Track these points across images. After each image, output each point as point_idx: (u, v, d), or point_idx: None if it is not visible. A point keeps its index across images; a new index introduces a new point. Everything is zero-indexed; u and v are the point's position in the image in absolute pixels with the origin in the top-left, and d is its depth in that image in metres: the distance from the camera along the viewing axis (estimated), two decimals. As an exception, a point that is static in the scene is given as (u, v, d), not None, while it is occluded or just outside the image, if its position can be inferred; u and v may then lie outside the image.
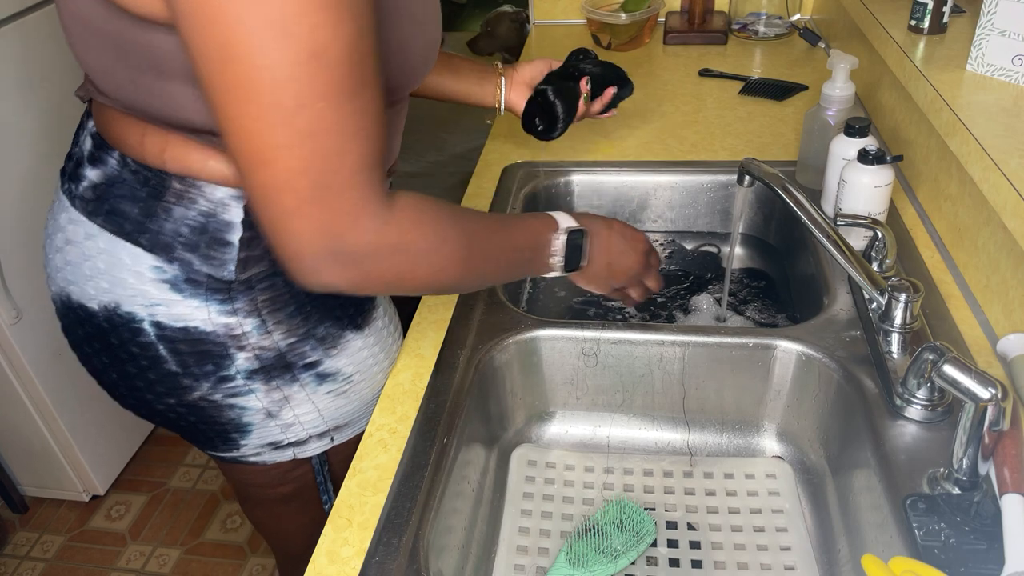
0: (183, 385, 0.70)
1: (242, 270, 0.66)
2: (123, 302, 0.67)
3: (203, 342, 0.68)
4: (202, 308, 0.66)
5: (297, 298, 0.70)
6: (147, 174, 0.64)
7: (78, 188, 0.68)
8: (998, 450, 0.59)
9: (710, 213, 1.14)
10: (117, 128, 0.65)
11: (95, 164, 0.67)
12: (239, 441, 0.76)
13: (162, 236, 0.64)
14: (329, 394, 0.76)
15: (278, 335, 0.70)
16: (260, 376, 0.71)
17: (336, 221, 0.53)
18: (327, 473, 0.85)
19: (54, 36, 1.57)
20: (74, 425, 1.69)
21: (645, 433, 0.88)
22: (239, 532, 1.73)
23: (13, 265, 1.51)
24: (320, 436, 0.79)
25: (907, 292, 0.73)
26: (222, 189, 0.64)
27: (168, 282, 0.66)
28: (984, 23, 0.85)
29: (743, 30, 1.57)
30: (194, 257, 0.65)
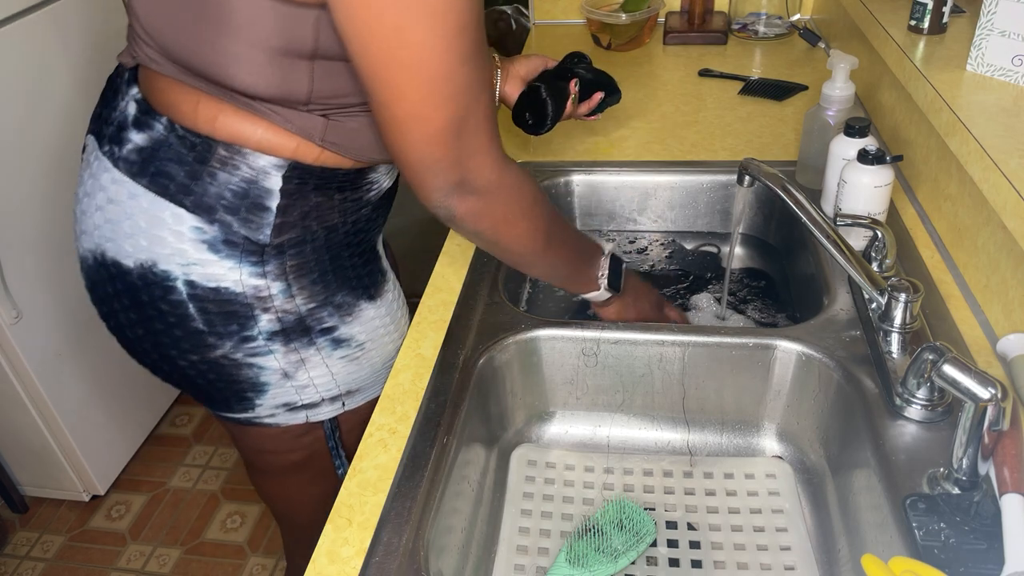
0: (207, 343, 0.75)
1: (276, 235, 0.71)
2: (160, 260, 0.71)
3: (231, 303, 0.72)
4: (235, 269, 0.71)
5: (321, 266, 0.75)
6: (194, 140, 0.69)
7: (121, 151, 0.72)
8: (998, 450, 0.59)
9: (710, 213, 1.14)
10: (170, 95, 0.69)
11: (140, 128, 0.71)
12: (255, 401, 0.80)
13: (206, 199, 0.69)
14: (343, 359, 0.81)
15: (300, 300, 0.75)
16: (280, 338, 0.76)
17: (469, 158, 0.64)
18: (339, 439, 0.88)
19: (54, 36, 1.57)
20: (74, 425, 1.69)
21: (645, 433, 0.88)
22: (239, 532, 1.73)
23: (13, 265, 1.51)
24: (332, 400, 0.83)
25: (907, 292, 0.73)
26: (265, 158, 0.69)
27: (207, 242, 0.70)
28: (984, 23, 0.85)
29: (743, 30, 1.57)
30: (234, 220, 0.70)
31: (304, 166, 0.70)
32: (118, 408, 1.84)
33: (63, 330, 1.65)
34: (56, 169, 1.61)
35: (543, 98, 0.97)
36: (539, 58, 1.03)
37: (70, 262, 1.67)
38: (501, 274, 0.94)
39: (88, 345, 1.72)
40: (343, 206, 0.75)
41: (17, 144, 1.51)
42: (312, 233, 0.73)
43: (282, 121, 0.68)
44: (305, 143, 0.70)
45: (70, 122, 1.64)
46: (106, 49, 1.73)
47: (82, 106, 1.66)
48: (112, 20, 1.75)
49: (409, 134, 0.61)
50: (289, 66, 0.64)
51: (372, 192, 0.79)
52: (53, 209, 1.61)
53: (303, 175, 0.71)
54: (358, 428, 0.85)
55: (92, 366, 1.74)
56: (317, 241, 0.74)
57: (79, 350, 1.70)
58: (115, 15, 1.75)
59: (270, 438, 0.86)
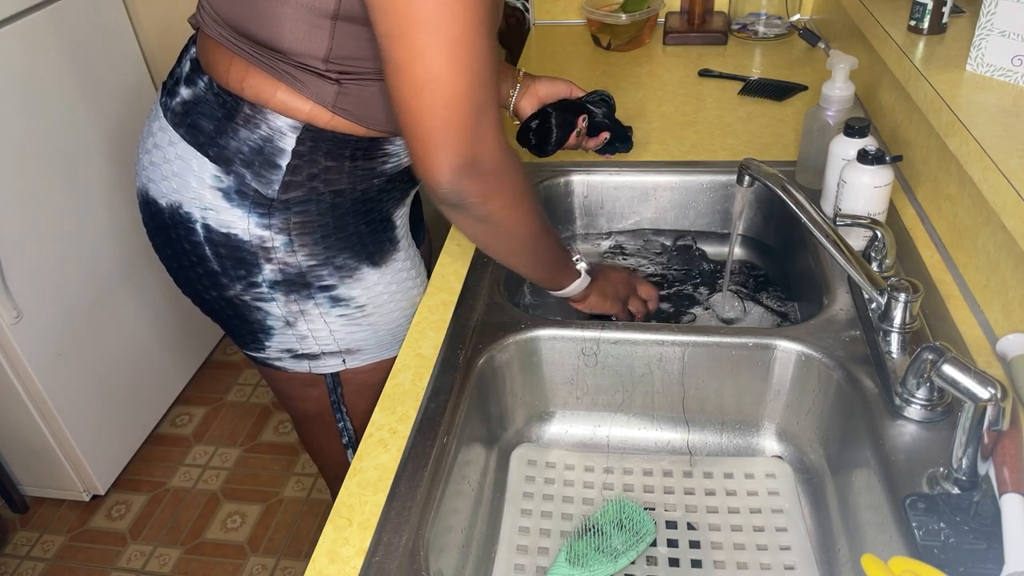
0: (221, 283, 0.82)
1: (284, 192, 0.76)
2: (184, 203, 0.79)
3: (239, 249, 0.79)
4: (244, 218, 0.77)
5: (324, 227, 0.79)
6: (226, 98, 0.75)
7: (172, 102, 0.80)
8: (997, 450, 0.59)
9: (710, 213, 1.14)
10: (211, 56, 0.76)
11: (188, 84, 0.79)
12: (264, 342, 0.87)
13: (226, 151, 0.76)
14: (341, 317, 0.85)
15: (302, 255, 0.80)
16: (281, 288, 0.81)
17: (480, 136, 0.65)
18: (341, 395, 0.92)
19: (54, 36, 1.57)
20: (74, 425, 1.69)
21: (645, 433, 0.88)
22: (239, 532, 1.73)
23: (13, 265, 1.51)
24: (332, 355, 0.88)
25: (907, 292, 0.73)
26: (283, 119, 0.74)
27: (222, 191, 0.77)
28: (984, 23, 0.85)
29: (743, 30, 1.57)
30: (248, 172, 0.76)
31: (317, 129, 0.75)
32: (118, 408, 1.84)
33: (63, 330, 1.65)
34: (56, 169, 1.61)
35: (549, 126, 1.01)
36: (565, 84, 1.05)
37: (70, 262, 1.67)
38: (501, 274, 0.94)
39: (88, 345, 1.73)
40: (354, 173, 0.79)
41: (17, 144, 1.51)
42: (319, 194, 0.77)
43: (299, 85, 0.73)
44: (318, 107, 0.74)
45: (70, 122, 1.64)
46: (106, 49, 1.73)
47: (82, 106, 1.66)
48: (112, 20, 1.75)
49: (425, 98, 0.61)
50: (313, 23, 0.69)
51: (389, 164, 0.82)
52: (53, 209, 1.61)
53: (315, 138, 0.75)
54: (363, 391, 0.91)
55: (92, 366, 1.74)
56: (323, 203, 0.78)
57: (79, 350, 1.70)
58: (115, 15, 1.75)
59: (284, 382, 0.93)
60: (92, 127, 1.70)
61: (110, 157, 1.75)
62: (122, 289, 1.83)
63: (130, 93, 1.81)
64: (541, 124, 1.01)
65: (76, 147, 1.66)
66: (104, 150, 1.73)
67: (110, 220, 1.77)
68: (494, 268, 0.95)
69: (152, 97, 1.88)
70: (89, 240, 1.72)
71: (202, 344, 2.16)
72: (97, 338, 1.76)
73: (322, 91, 0.73)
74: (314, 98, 0.74)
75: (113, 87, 1.75)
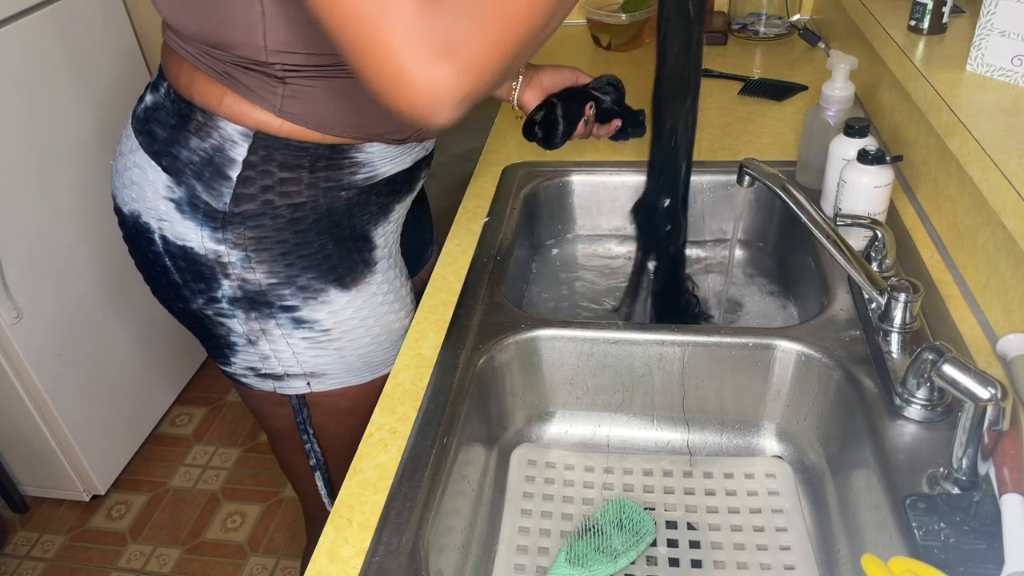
0: (184, 295, 0.79)
1: (235, 204, 0.72)
2: (143, 212, 0.76)
3: (196, 263, 0.75)
4: (197, 231, 0.74)
5: (283, 244, 0.75)
6: (181, 105, 0.73)
7: (138, 108, 0.78)
8: (998, 450, 0.59)
9: (710, 213, 1.14)
10: (167, 61, 0.74)
11: (152, 90, 0.77)
12: (229, 358, 0.83)
13: (178, 161, 0.73)
14: (304, 340, 0.81)
15: (260, 272, 0.76)
16: (241, 305, 0.77)
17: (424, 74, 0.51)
18: (306, 416, 0.88)
19: (54, 37, 1.57)
20: (74, 425, 1.69)
21: (645, 433, 0.88)
22: (239, 532, 1.73)
23: (13, 265, 1.51)
24: (296, 376, 0.84)
25: (907, 292, 0.73)
26: (233, 126, 0.71)
27: (174, 202, 0.74)
28: (984, 23, 0.85)
29: (743, 30, 1.57)
30: (198, 184, 0.72)
31: (269, 137, 0.70)
32: (118, 408, 1.84)
33: (63, 330, 1.65)
34: (56, 169, 1.61)
35: (555, 117, 0.97)
36: (570, 72, 0.98)
37: (70, 262, 1.67)
38: (501, 274, 0.94)
39: (88, 345, 1.73)
40: (315, 185, 0.73)
41: (17, 144, 1.51)
42: (274, 208, 0.73)
43: (244, 90, 0.69)
44: (266, 113, 0.70)
45: (70, 122, 1.64)
46: (106, 49, 1.73)
47: (82, 106, 1.66)
48: (112, 20, 1.75)
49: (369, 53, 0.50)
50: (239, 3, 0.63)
51: (359, 176, 0.76)
52: (53, 209, 1.61)
53: (269, 147, 0.71)
54: (332, 414, 0.87)
55: (92, 366, 1.74)
56: (279, 217, 0.73)
57: (79, 350, 1.70)
58: (115, 15, 1.75)
59: (252, 398, 0.89)
60: (92, 127, 1.70)
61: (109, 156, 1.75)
62: (122, 289, 1.83)
63: (130, 93, 1.81)
64: (546, 116, 0.97)
65: (76, 146, 1.66)
66: (103, 149, 1.73)
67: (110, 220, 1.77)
68: (494, 268, 0.95)
69: (152, 97, 1.88)
70: (89, 240, 1.72)
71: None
72: (97, 338, 1.76)
73: (268, 94, 0.69)
74: (260, 103, 0.69)
75: (113, 87, 1.75)
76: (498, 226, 1.03)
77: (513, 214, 1.06)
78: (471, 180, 1.15)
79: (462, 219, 1.05)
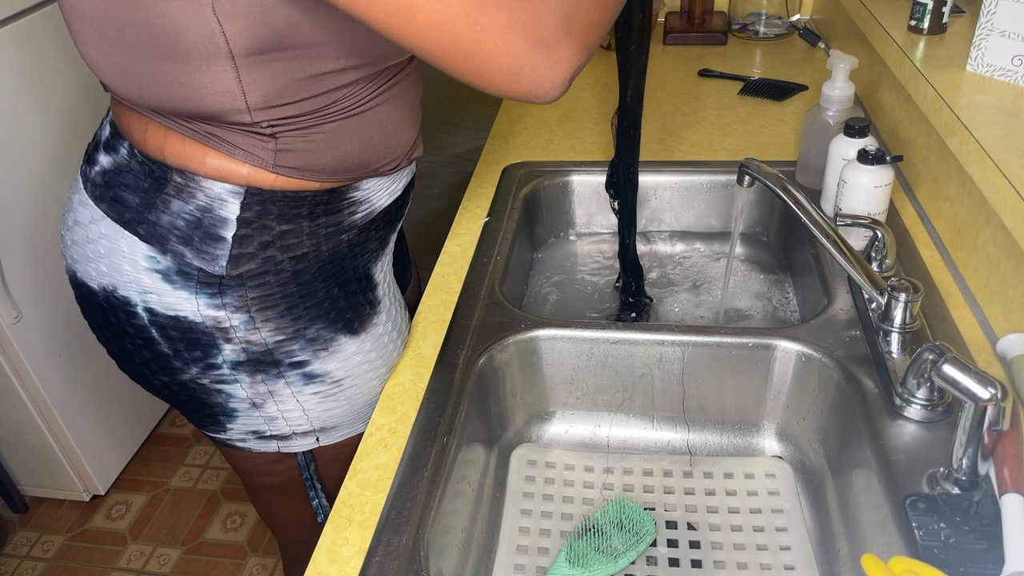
0: (174, 367, 0.72)
1: (233, 266, 0.66)
2: (120, 287, 0.68)
3: (192, 331, 0.69)
4: (191, 300, 0.67)
5: (289, 299, 0.70)
6: (152, 166, 0.65)
7: (91, 172, 0.70)
8: (998, 450, 0.59)
9: (710, 213, 1.14)
10: (126, 120, 0.67)
11: (108, 151, 0.69)
12: (226, 424, 0.77)
13: (159, 227, 0.65)
14: (316, 395, 0.75)
15: (266, 332, 0.70)
16: (245, 368, 0.71)
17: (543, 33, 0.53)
18: (313, 472, 0.84)
19: (54, 36, 1.57)
20: (74, 425, 1.69)
21: (645, 433, 0.88)
22: (239, 532, 1.73)
23: (13, 265, 1.51)
24: (304, 435, 0.79)
25: (907, 292, 0.73)
26: (220, 184, 0.64)
27: (160, 272, 0.67)
28: (984, 23, 0.85)
29: (743, 30, 1.57)
30: (187, 250, 0.66)
31: (263, 191, 0.65)
32: (118, 408, 1.84)
33: (63, 330, 1.65)
34: (56, 169, 1.61)
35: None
36: None
37: (70, 262, 1.67)
38: (501, 274, 0.94)
39: (88, 345, 1.72)
40: (315, 234, 0.69)
41: (17, 144, 1.51)
42: (276, 264, 0.68)
43: (228, 148, 0.63)
44: (257, 170, 0.64)
45: (69, 122, 1.64)
46: (106, 49, 1.73)
47: (82, 106, 1.66)
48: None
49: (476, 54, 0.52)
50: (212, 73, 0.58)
51: (357, 215, 0.72)
52: (53, 209, 1.61)
53: (263, 202, 0.65)
54: (336, 463, 0.83)
55: (92, 366, 1.74)
56: (283, 272, 0.68)
57: (79, 350, 1.70)
58: (115, 15, 1.75)
59: (246, 460, 0.83)
60: (92, 127, 1.70)
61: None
62: (122, 289, 1.83)
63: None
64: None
65: (76, 147, 1.66)
66: (104, 150, 1.73)
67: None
68: (494, 268, 0.95)
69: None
70: (89, 240, 1.72)
71: (202, 344, 2.16)
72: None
73: (259, 150, 0.63)
74: (250, 160, 0.63)
75: (113, 87, 1.75)
76: (498, 226, 1.03)
77: (513, 214, 1.06)
78: (471, 180, 1.15)
79: (462, 219, 1.05)
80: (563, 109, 1.33)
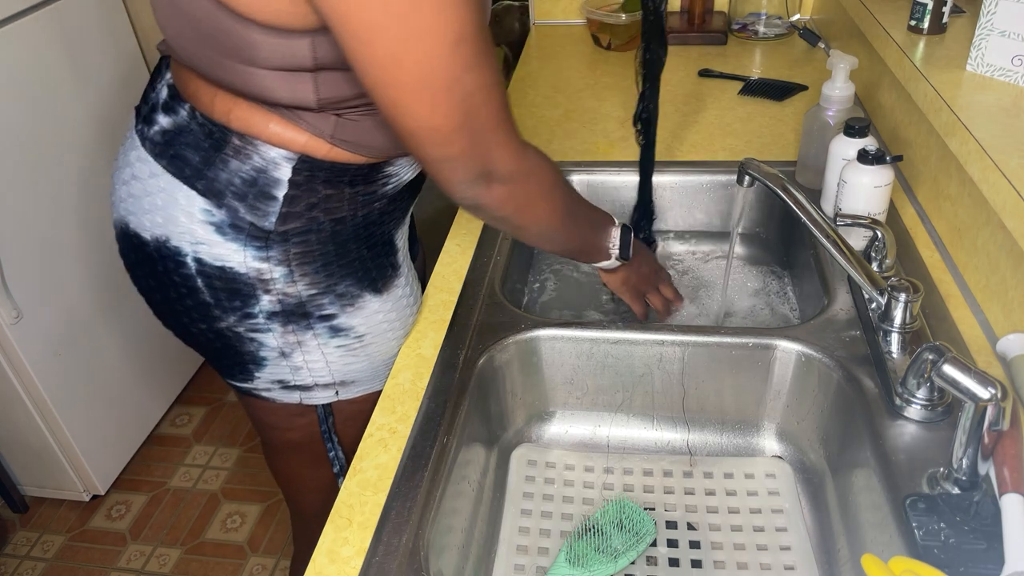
0: (214, 315, 0.78)
1: (281, 223, 0.73)
2: (172, 237, 0.75)
3: (235, 281, 0.75)
4: (240, 251, 0.74)
5: (326, 256, 0.77)
6: (212, 128, 0.72)
7: (149, 131, 0.76)
8: (998, 450, 0.59)
9: (710, 213, 1.14)
10: (192, 86, 0.73)
11: (168, 112, 0.75)
12: (254, 373, 0.83)
13: (216, 184, 0.72)
14: (339, 348, 0.81)
15: (302, 285, 0.77)
16: (279, 318, 0.78)
17: (487, 152, 0.67)
18: (332, 425, 0.89)
19: (54, 37, 1.57)
20: (74, 425, 1.69)
21: (645, 433, 0.88)
22: (239, 532, 1.73)
23: (13, 265, 1.51)
24: (325, 387, 0.84)
25: (907, 292, 0.73)
26: (276, 150, 0.71)
27: (214, 224, 0.73)
28: (984, 23, 0.85)
29: (743, 30, 1.57)
30: (241, 206, 0.72)
31: (314, 160, 0.72)
32: (118, 408, 1.84)
33: (63, 330, 1.65)
34: (56, 169, 1.61)
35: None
36: None
37: (70, 262, 1.67)
38: (501, 274, 0.94)
39: (88, 345, 1.72)
40: (354, 200, 0.77)
41: (17, 144, 1.51)
42: (318, 224, 0.75)
43: (294, 117, 0.70)
44: (315, 139, 0.71)
45: (70, 122, 1.64)
46: (106, 49, 1.73)
47: (82, 106, 1.66)
48: (112, 20, 1.75)
49: (423, 142, 0.64)
50: (294, 79, 0.67)
51: (389, 186, 0.80)
52: (53, 209, 1.61)
53: (313, 168, 0.72)
54: (354, 420, 0.88)
55: (92, 366, 1.74)
56: (323, 232, 0.76)
57: (79, 350, 1.70)
58: (115, 15, 1.75)
59: (269, 411, 0.89)
60: (92, 127, 1.70)
61: (110, 157, 1.75)
62: (122, 289, 1.82)
63: (130, 93, 1.81)
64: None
65: (76, 147, 1.66)
66: (104, 150, 1.73)
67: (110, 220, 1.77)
68: (494, 268, 0.95)
69: (152, 97, 1.87)
70: (89, 240, 1.72)
71: (202, 344, 2.16)
72: (97, 338, 1.75)
73: (320, 123, 0.71)
74: (311, 130, 0.71)
75: (113, 87, 1.75)
76: (498, 226, 1.03)
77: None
78: (471, 180, 1.15)
79: (462, 219, 1.05)
80: (563, 109, 1.33)
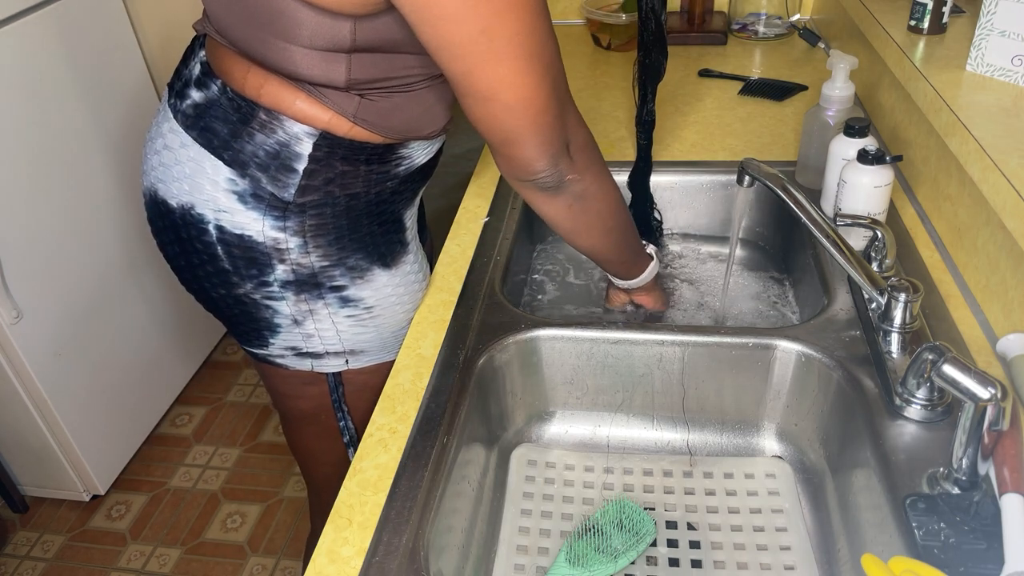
0: (232, 281, 0.83)
1: (300, 195, 0.77)
2: (197, 204, 0.80)
3: (253, 249, 0.80)
4: (259, 220, 0.78)
5: (339, 230, 0.81)
6: (240, 103, 0.77)
7: (182, 104, 0.81)
8: (998, 450, 0.59)
9: (710, 213, 1.14)
10: (226, 63, 0.78)
11: (200, 87, 0.80)
12: (268, 339, 0.88)
13: (242, 155, 0.77)
14: (349, 318, 0.86)
15: (315, 256, 0.81)
16: (292, 287, 0.82)
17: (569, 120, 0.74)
18: (342, 394, 0.93)
19: (54, 36, 1.57)
20: (74, 425, 1.69)
21: (645, 433, 0.88)
22: (239, 532, 1.73)
23: (13, 265, 1.51)
24: (336, 355, 0.88)
25: (907, 292, 0.73)
26: (299, 125, 0.76)
27: (237, 193, 0.78)
28: (984, 23, 0.85)
29: (743, 30, 1.57)
30: (263, 176, 0.77)
31: (335, 137, 0.76)
32: (118, 408, 1.84)
33: (63, 330, 1.65)
34: (56, 168, 1.61)
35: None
36: None
37: (70, 262, 1.67)
38: (501, 274, 0.94)
39: (88, 345, 1.72)
40: (368, 177, 0.80)
41: (17, 144, 1.51)
42: (334, 198, 0.79)
43: (320, 95, 0.74)
44: (338, 117, 0.75)
45: (70, 122, 1.64)
46: (106, 49, 1.73)
47: (82, 106, 1.66)
48: (112, 20, 1.75)
49: (521, 114, 0.68)
50: (329, 59, 0.71)
51: (401, 167, 0.83)
52: (53, 209, 1.61)
53: (332, 145, 0.77)
54: (363, 392, 0.93)
55: (92, 366, 1.74)
56: (338, 206, 0.79)
57: (79, 350, 1.70)
58: (115, 15, 1.75)
59: (282, 379, 0.93)
60: (92, 127, 1.70)
61: (110, 157, 1.75)
62: (122, 289, 1.83)
63: (130, 93, 1.81)
64: None
65: (76, 147, 1.66)
66: (104, 150, 1.73)
67: (110, 220, 1.77)
68: (494, 268, 0.95)
69: (153, 97, 1.87)
70: (89, 240, 1.72)
71: (202, 344, 2.16)
72: (97, 338, 1.75)
73: (344, 103, 0.75)
74: (335, 108, 0.75)
75: (113, 87, 1.75)
76: (498, 226, 1.03)
77: (513, 214, 1.06)
78: (471, 180, 1.15)
79: (462, 219, 1.05)
80: (563, 109, 1.32)
